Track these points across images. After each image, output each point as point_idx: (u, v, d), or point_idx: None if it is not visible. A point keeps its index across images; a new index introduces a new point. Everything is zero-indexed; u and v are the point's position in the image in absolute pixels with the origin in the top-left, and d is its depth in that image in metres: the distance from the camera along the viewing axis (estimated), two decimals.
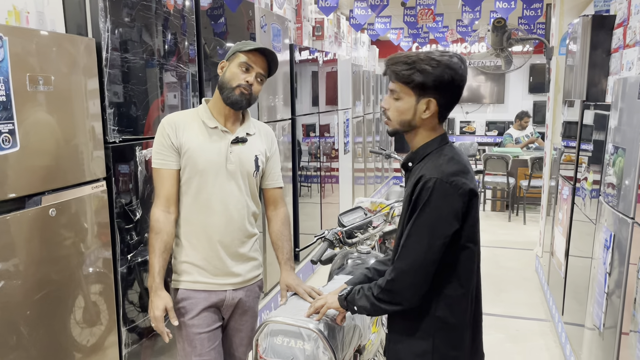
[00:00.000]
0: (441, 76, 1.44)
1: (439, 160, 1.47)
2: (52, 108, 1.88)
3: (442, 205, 1.41)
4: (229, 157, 1.95)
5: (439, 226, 1.42)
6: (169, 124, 1.94)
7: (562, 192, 3.78)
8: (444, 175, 1.41)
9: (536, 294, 4.55)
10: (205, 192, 1.93)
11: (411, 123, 1.51)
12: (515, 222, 7.07)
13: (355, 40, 7.73)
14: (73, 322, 2.03)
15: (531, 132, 8.02)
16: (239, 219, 1.98)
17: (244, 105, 1.94)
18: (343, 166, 6.05)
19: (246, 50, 1.89)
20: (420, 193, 1.42)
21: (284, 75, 4.22)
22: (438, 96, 1.47)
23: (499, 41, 4.94)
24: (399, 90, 1.49)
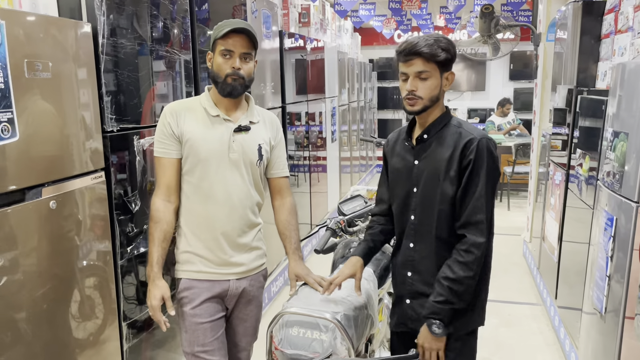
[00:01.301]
0: (455, 52, 1.68)
1: (467, 125, 1.71)
2: (50, 95, 1.80)
3: (495, 159, 1.65)
4: (232, 146, 1.90)
5: (498, 177, 1.68)
6: (170, 112, 1.89)
7: (554, 178, 3.81)
8: (485, 135, 1.65)
9: (525, 278, 4.61)
10: (207, 182, 1.89)
11: (438, 97, 1.70)
12: (500, 208, 7.14)
13: (339, 28, 7.66)
14: (74, 316, 1.97)
15: (513, 118, 8.09)
16: (241, 208, 1.94)
17: (241, 91, 1.89)
18: (331, 155, 6.02)
19: (222, 36, 1.83)
20: (479, 152, 1.62)
21: (273, 62, 4.15)
22: (452, 69, 1.70)
23: (487, 28, 4.94)
24: (430, 69, 1.65)
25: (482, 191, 1.62)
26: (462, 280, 1.62)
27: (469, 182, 1.63)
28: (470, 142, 1.64)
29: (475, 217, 1.62)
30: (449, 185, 1.66)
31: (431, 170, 1.70)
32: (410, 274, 1.80)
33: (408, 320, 1.82)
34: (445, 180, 1.66)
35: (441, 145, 1.70)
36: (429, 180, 1.70)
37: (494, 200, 1.67)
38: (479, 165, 1.62)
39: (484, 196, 1.62)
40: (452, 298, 1.63)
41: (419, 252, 1.76)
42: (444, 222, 1.70)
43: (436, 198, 1.69)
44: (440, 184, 1.68)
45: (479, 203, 1.62)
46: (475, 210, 1.62)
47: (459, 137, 1.67)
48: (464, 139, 1.65)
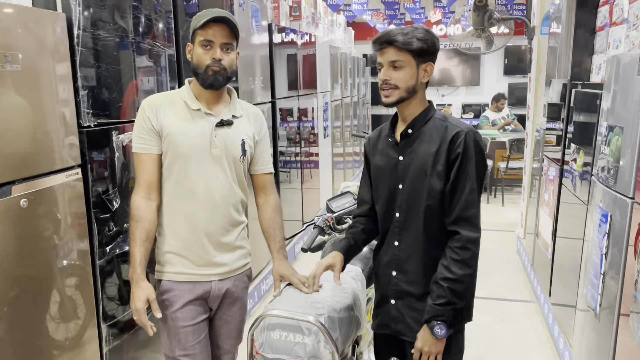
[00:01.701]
0: (434, 42, 1.63)
1: (452, 119, 1.66)
2: (20, 89, 1.71)
3: (483, 152, 1.62)
4: (214, 141, 1.83)
5: (486, 170, 1.66)
6: (149, 105, 1.81)
7: (548, 173, 3.76)
8: (472, 128, 1.61)
9: (519, 275, 4.55)
10: (188, 178, 1.82)
11: (415, 88, 1.64)
12: (494, 204, 7.09)
13: (332, 22, 7.58)
14: (49, 319, 1.90)
15: (507, 114, 8.04)
16: (224, 206, 1.87)
17: (222, 82, 1.81)
18: (323, 151, 5.94)
19: (201, 26, 1.76)
20: (467, 145, 1.58)
21: (262, 56, 4.07)
22: (433, 60, 1.65)
23: (480, 21, 4.87)
24: (404, 59, 1.60)
25: (473, 185, 1.58)
26: (461, 279, 1.58)
27: (458, 176, 1.59)
28: (457, 135, 1.60)
29: (468, 211, 1.58)
30: (437, 180, 1.61)
31: (417, 166, 1.65)
32: (396, 273, 1.74)
33: (392, 321, 1.76)
34: (433, 175, 1.62)
35: (427, 139, 1.65)
36: (415, 175, 1.65)
37: (481, 194, 1.65)
38: (468, 158, 1.58)
39: (475, 190, 1.59)
40: (454, 299, 1.58)
41: (404, 251, 1.71)
42: (431, 217, 1.65)
43: (423, 194, 1.64)
44: (428, 179, 1.63)
45: (471, 197, 1.58)
46: (467, 205, 1.58)
47: (446, 131, 1.62)
48: (450, 132, 1.61)
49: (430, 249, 1.66)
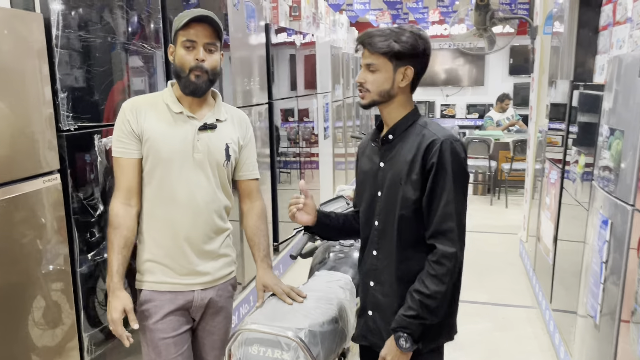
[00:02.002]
0: (416, 45, 1.53)
1: (432, 126, 1.57)
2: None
3: (462, 161, 1.52)
4: (196, 145, 1.77)
5: (466, 180, 1.55)
6: (129, 108, 1.75)
7: (549, 175, 3.66)
8: (451, 136, 1.51)
9: (521, 279, 4.46)
10: (169, 184, 1.76)
11: (390, 92, 1.57)
12: (497, 205, 7.00)
13: (334, 22, 7.50)
14: (27, 329, 1.84)
15: (512, 114, 7.93)
16: (206, 212, 1.80)
17: (205, 88, 1.75)
18: (323, 152, 5.87)
19: (183, 26, 1.69)
20: (442, 154, 1.48)
21: (259, 57, 4.00)
22: (413, 64, 1.55)
23: (482, 20, 4.78)
24: (377, 62, 1.54)
25: (449, 197, 1.49)
26: (434, 295, 1.49)
27: (434, 187, 1.50)
28: (432, 143, 1.51)
29: (444, 225, 1.50)
30: (411, 189, 1.54)
31: (394, 173, 1.58)
32: (373, 284, 1.67)
33: (368, 332, 1.69)
34: (407, 184, 1.54)
35: (405, 146, 1.57)
36: (392, 183, 1.58)
37: (465, 205, 1.54)
38: (443, 168, 1.49)
39: (452, 202, 1.49)
40: (424, 313, 1.50)
41: (381, 261, 1.64)
42: (405, 228, 1.57)
43: (397, 203, 1.56)
44: (402, 187, 1.55)
45: (448, 210, 1.49)
46: (444, 218, 1.49)
47: (422, 139, 1.54)
48: (426, 140, 1.52)
49: (405, 260, 1.58)
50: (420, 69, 1.57)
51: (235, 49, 3.50)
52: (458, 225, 1.50)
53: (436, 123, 1.60)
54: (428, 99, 11.18)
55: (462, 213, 1.51)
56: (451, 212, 1.49)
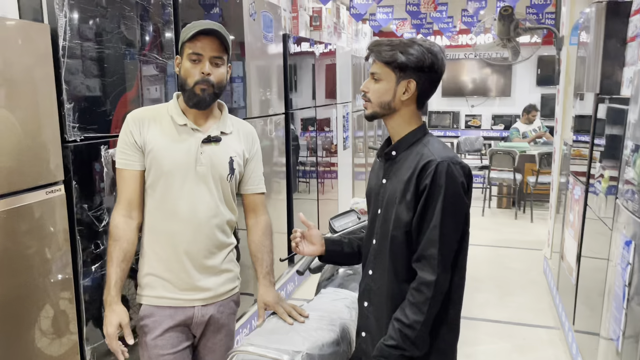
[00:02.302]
0: (422, 58, 1.46)
1: (435, 145, 1.50)
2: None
3: (458, 186, 1.43)
4: (199, 158, 1.73)
5: (461, 206, 1.45)
6: (133, 119, 1.74)
7: (573, 192, 3.53)
8: (450, 158, 1.44)
9: (544, 298, 4.31)
10: (172, 197, 1.73)
11: (391, 105, 1.51)
12: (522, 219, 6.82)
13: (357, 32, 7.46)
14: (29, 341, 1.82)
15: (539, 126, 7.74)
16: (208, 227, 1.76)
17: (209, 102, 1.73)
18: (342, 162, 5.81)
19: (190, 38, 1.66)
20: (436, 176, 1.42)
21: (276, 67, 3.97)
22: (418, 78, 1.48)
23: (506, 31, 4.67)
24: (380, 72, 1.49)
25: (436, 222, 1.41)
26: (412, 325, 1.41)
27: (424, 210, 1.43)
28: (428, 164, 1.43)
29: (427, 251, 1.42)
30: (405, 210, 1.47)
31: (391, 192, 1.52)
32: (367, 304, 1.61)
33: (363, 355, 1.62)
34: (401, 204, 1.47)
35: (405, 164, 1.51)
36: (389, 202, 1.52)
37: (457, 233, 1.45)
38: (436, 191, 1.41)
39: (438, 227, 1.41)
40: (403, 344, 1.42)
41: (375, 282, 1.57)
42: (397, 250, 1.50)
43: (391, 223, 1.50)
44: (396, 207, 1.49)
45: (432, 235, 1.42)
46: (427, 244, 1.42)
47: (420, 158, 1.46)
48: (423, 160, 1.45)
49: (397, 283, 1.51)
50: (427, 84, 1.50)
51: (252, 59, 3.48)
52: (442, 252, 1.41)
53: (439, 142, 1.53)
54: (453, 109, 11.02)
55: (449, 239, 1.43)
56: (435, 238, 1.41)
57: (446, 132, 10.92)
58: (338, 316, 1.79)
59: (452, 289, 1.47)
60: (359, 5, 5.67)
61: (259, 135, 3.60)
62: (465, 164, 1.47)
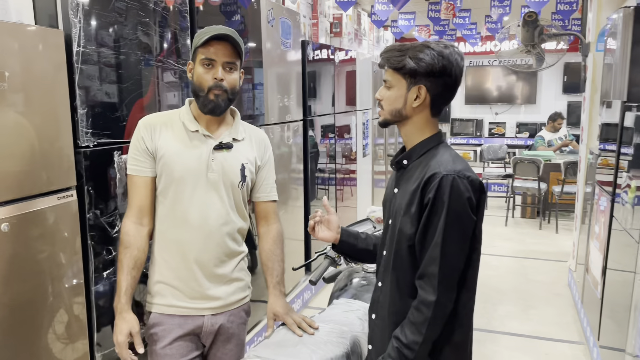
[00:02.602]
0: (432, 63, 1.40)
1: (444, 156, 1.42)
2: (6, 108, 1.65)
3: (464, 201, 1.35)
4: (211, 164, 1.71)
5: (466, 223, 1.36)
6: (145, 125, 1.73)
7: (599, 202, 3.41)
8: (458, 172, 1.36)
9: (568, 311, 4.17)
10: (182, 204, 1.71)
11: (402, 112, 1.46)
12: (547, 230, 6.65)
13: (378, 38, 7.42)
14: (39, 347, 1.81)
15: (565, 134, 7.56)
16: (219, 235, 1.74)
17: (224, 108, 1.71)
18: (361, 169, 5.76)
19: (202, 44, 1.65)
20: (439, 191, 1.34)
21: (294, 74, 3.95)
22: (429, 84, 1.42)
23: (530, 37, 4.57)
24: (391, 79, 1.45)
25: (438, 239, 1.33)
26: (410, 345, 1.35)
27: (427, 225, 1.36)
28: (433, 177, 1.36)
29: (428, 269, 1.35)
30: (408, 222, 1.40)
31: (399, 203, 1.46)
32: (374, 317, 1.55)
33: None
34: (405, 216, 1.41)
35: (413, 175, 1.44)
36: (397, 213, 1.46)
37: (462, 251, 1.37)
38: (439, 207, 1.34)
39: (439, 245, 1.33)
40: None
41: (383, 294, 1.51)
42: (400, 264, 1.44)
43: (395, 235, 1.45)
44: (400, 219, 1.43)
45: (434, 253, 1.34)
46: (429, 262, 1.35)
47: (427, 170, 1.39)
48: (429, 172, 1.38)
49: (399, 299, 1.44)
50: (440, 90, 1.43)
51: (270, 65, 3.46)
52: (444, 271, 1.33)
53: (451, 153, 1.45)
54: (476, 116, 10.87)
55: (452, 258, 1.35)
56: (436, 256, 1.33)
57: (469, 140, 10.77)
58: (349, 329, 1.74)
59: (459, 308, 1.39)
60: (381, 11, 5.63)
61: (276, 142, 3.62)
62: (476, 178, 1.38)
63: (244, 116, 3.20)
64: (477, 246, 1.41)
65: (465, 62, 1.52)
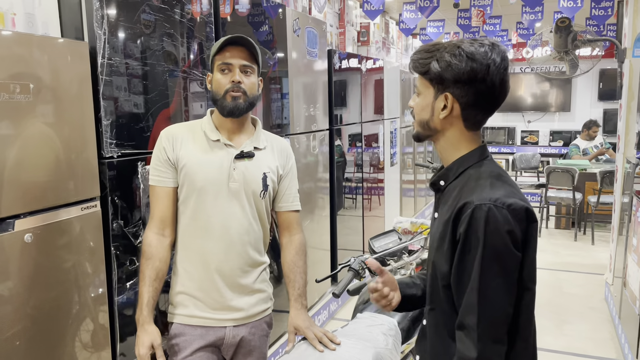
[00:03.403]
0: (459, 66, 1.17)
1: (480, 180, 1.19)
2: (31, 119, 1.67)
3: (503, 237, 1.11)
4: (232, 174, 1.70)
5: (509, 262, 1.12)
6: (166, 136, 1.73)
7: (637, 213, 3.27)
8: (495, 200, 1.13)
9: (605, 327, 4.01)
10: (204, 214, 1.70)
11: (430, 124, 1.26)
12: (583, 241, 6.44)
13: (407, 47, 7.36)
14: (62, 357, 1.81)
15: (601, 142, 7.34)
16: (240, 245, 1.72)
17: (244, 109, 1.69)
18: (389, 178, 5.69)
19: (218, 51, 1.67)
20: (472, 225, 1.12)
21: (322, 83, 3.93)
22: (458, 92, 1.20)
23: (563, 43, 4.45)
24: (419, 85, 1.26)
25: (474, 283, 1.12)
26: None
27: (460, 266, 1.15)
28: (464, 208, 1.15)
29: (465, 319, 1.14)
30: (442, 259, 1.21)
31: (435, 233, 1.27)
32: (419, 358, 1.39)
33: None
34: (439, 251, 1.22)
35: (449, 201, 1.23)
36: (432, 245, 1.28)
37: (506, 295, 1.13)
38: (472, 243, 1.12)
39: (476, 290, 1.11)
40: None
41: (428, 333, 1.33)
42: (437, 304, 1.26)
43: (430, 270, 1.28)
44: (434, 253, 1.25)
45: (471, 300, 1.13)
46: (466, 310, 1.14)
47: (460, 196, 1.18)
48: (461, 200, 1.17)
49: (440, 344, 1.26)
50: (471, 99, 1.20)
51: (295, 75, 3.45)
52: (483, 321, 1.11)
53: (490, 174, 1.20)
54: (508, 124, 10.67)
55: (494, 305, 1.12)
56: (473, 304, 1.12)
57: (501, 149, 10.58)
58: (372, 344, 1.69)
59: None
60: (409, 19, 5.58)
61: (302, 152, 3.60)
62: (520, 206, 1.13)
63: (271, 126, 3.21)
64: (530, 286, 1.18)
65: None
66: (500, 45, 1.22)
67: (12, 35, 1.64)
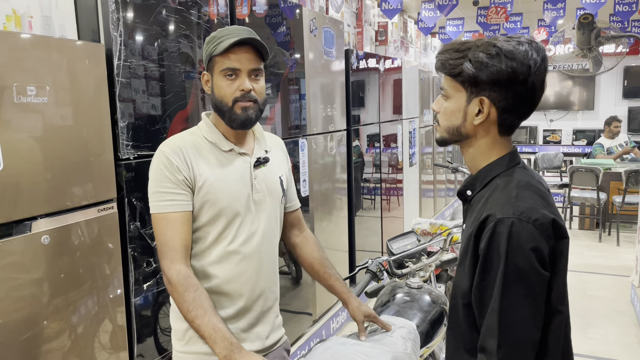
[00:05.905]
0: (499, 68, 1.07)
1: (506, 190, 1.10)
2: (47, 121, 1.68)
3: (527, 254, 1.02)
4: (254, 184, 1.53)
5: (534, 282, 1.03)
6: (174, 152, 1.46)
7: None
8: (520, 213, 1.04)
9: (631, 330, 3.91)
10: (230, 235, 1.50)
11: (461, 130, 1.16)
12: (607, 242, 6.30)
13: (425, 46, 7.29)
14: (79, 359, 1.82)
15: (625, 141, 7.17)
16: (270, 262, 1.60)
17: (255, 119, 1.51)
18: (408, 178, 5.63)
19: (221, 52, 1.42)
20: (494, 240, 1.04)
21: (339, 83, 3.91)
22: (495, 95, 1.10)
23: (587, 40, 4.35)
24: (447, 87, 1.15)
25: (495, 305, 1.04)
26: None
27: (481, 285, 1.07)
28: (486, 221, 1.07)
29: (485, 341, 1.06)
30: (463, 275, 1.13)
31: (461, 247, 1.19)
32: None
33: None
34: (461, 266, 1.14)
35: (475, 212, 1.15)
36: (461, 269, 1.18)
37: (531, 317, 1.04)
38: (494, 261, 1.04)
39: (496, 312, 1.03)
40: None
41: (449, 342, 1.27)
42: (455, 322, 1.19)
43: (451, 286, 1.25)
44: (457, 268, 1.18)
45: (491, 322, 1.05)
46: (487, 332, 1.06)
47: (484, 208, 1.10)
48: (484, 213, 1.08)
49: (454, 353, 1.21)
50: (510, 102, 1.10)
51: (312, 75, 3.43)
52: (505, 345, 1.03)
53: (517, 184, 1.11)
54: (529, 124, 10.51)
55: (517, 328, 1.03)
56: (494, 326, 1.04)
57: (522, 148, 10.42)
58: (391, 348, 1.65)
59: None
60: (427, 18, 5.52)
61: (320, 152, 3.58)
62: (547, 220, 1.04)
63: (289, 127, 3.19)
64: (560, 308, 1.09)
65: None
66: (539, 43, 1.13)
67: (31, 38, 1.65)
